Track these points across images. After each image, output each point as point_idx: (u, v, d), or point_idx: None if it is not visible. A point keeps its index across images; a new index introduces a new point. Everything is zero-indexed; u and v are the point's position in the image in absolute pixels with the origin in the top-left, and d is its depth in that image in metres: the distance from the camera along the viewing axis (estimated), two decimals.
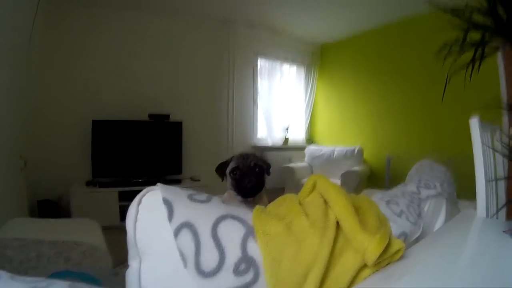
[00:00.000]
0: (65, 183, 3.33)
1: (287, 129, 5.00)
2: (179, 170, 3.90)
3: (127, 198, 3.24)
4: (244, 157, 1.11)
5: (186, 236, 0.52)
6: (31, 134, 3.20)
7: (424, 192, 0.94)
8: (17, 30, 2.50)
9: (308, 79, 5.26)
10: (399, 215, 0.76)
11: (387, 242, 0.58)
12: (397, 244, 0.62)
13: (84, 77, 3.57)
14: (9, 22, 2.28)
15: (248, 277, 0.52)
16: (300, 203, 0.65)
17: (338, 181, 3.81)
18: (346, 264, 0.58)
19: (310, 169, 4.64)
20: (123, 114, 3.66)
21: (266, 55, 4.83)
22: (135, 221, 0.54)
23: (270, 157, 4.63)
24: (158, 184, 0.58)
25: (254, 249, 0.54)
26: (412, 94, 4.02)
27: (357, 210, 0.64)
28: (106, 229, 2.07)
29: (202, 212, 0.55)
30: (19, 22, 2.54)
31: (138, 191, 0.57)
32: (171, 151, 3.87)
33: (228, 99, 4.56)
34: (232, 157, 1.14)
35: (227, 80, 4.54)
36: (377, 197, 0.83)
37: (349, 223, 0.59)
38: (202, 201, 0.58)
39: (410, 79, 4.03)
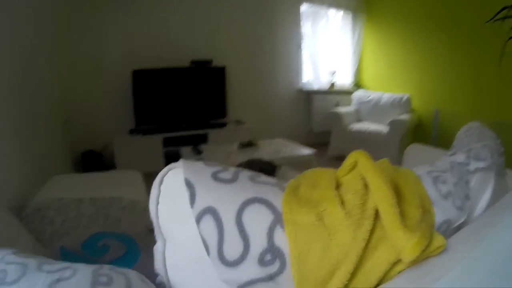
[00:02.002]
0: (109, 134, 3.37)
1: (334, 73, 4.79)
2: (223, 114, 3.90)
3: (172, 143, 3.28)
4: (250, 163, 1.08)
5: (208, 223, 0.49)
6: (72, 88, 3.20)
7: (474, 164, 0.84)
8: None
9: (355, 25, 4.88)
10: (446, 197, 0.68)
11: (427, 242, 0.53)
12: (438, 241, 0.56)
13: (122, 27, 3.42)
14: None
15: (274, 268, 0.50)
16: (338, 183, 0.59)
17: (385, 128, 3.77)
18: (380, 259, 0.53)
19: (357, 115, 4.50)
20: (164, 62, 3.56)
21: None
22: (157, 203, 0.51)
23: (317, 101, 4.61)
24: (181, 160, 0.53)
25: (282, 239, 0.50)
26: (460, 50, 3.70)
27: (399, 196, 0.57)
28: (150, 176, 2.09)
29: (227, 196, 0.51)
30: None
31: (183, 136, 0.54)
32: (215, 96, 3.82)
33: (272, 43, 4.39)
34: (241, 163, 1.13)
35: (270, 24, 4.32)
36: (424, 170, 0.75)
37: (389, 217, 0.53)
38: (227, 181, 0.53)
39: (459, 36, 3.67)
